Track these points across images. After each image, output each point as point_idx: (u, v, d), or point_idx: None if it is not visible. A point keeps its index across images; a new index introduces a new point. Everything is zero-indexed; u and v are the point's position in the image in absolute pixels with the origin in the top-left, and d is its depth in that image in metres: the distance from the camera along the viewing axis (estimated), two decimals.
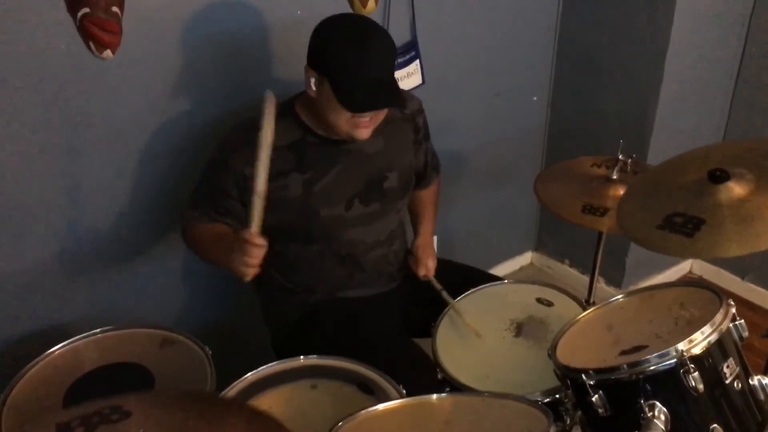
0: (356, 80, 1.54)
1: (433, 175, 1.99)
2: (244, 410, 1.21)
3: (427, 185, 1.98)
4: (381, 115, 1.64)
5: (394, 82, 1.63)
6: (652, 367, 1.19)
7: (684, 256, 2.89)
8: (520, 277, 3.04)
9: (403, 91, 1.82)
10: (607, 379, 1.23)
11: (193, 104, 1.89)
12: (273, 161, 1.54)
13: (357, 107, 1.57)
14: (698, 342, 1.19)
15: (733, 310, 1.26)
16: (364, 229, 1.76)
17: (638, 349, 1.26)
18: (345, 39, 1.53)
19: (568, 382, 1.32)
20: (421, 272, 1.85)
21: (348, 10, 2.04)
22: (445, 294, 1.79)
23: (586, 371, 1.25)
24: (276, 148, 1.61)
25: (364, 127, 1.61)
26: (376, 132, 1.66)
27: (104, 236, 1.87)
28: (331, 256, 1.76)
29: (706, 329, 1.21)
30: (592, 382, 1.24)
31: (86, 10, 1.58)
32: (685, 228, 1.33)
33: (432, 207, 2.00)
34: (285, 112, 1.67)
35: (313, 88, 1.58)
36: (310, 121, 1.66)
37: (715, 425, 1.19)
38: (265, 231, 1.54)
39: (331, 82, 1.54)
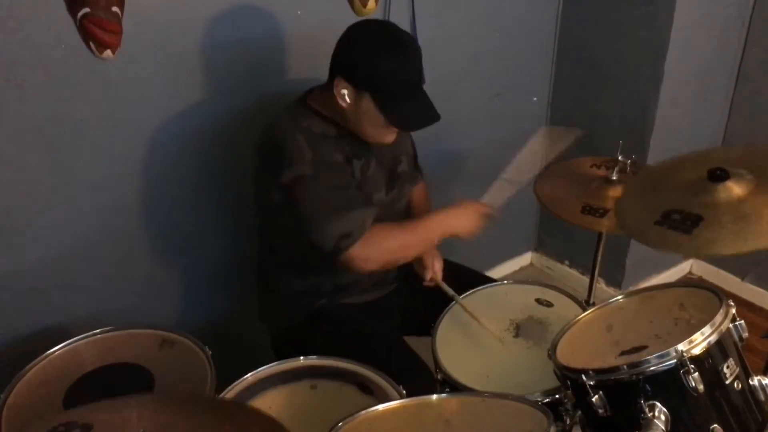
0: (403, 98, 1.55)
1: (419, 174, 2.00)
2: (216, 404, 1.19)
3: (418, 182, 1.99)
4: None
5: (424, 90, 1.63)
6: (652, 368, 1.19)
7: (681, 253, 2.88)
8: (519, 277, 3.04)
9: None
10: (607, 380, 1.23)
11: (192, 104, 1.89)
12: (338, 148, 1.61)
13: (407, 126, 1.62)
14: (698, 342, 1.19)
15: (733, 310, 1.26)
16: (391, 215, 1.78)
17: (638, 349, 1.26)
18: (389, 53, 1.52)
19: (568, 382, 1.32)
20: (428, 276, 1.81)
21: (348, 10, 2.04)
22: (457, 298, 1.78)
23: (586, 371, 1.25)
24: (331, 137, 1.63)
25: (395, 133, 1.65)
26: None
27: (104, 236, 1.87)
28: None
29: (706, 330, 1.21)
30: (592, 383, 1.24)
31: (86, 10, 1.58)
32: (683, 224, 1.33)
33: (428, 208, 2.00)
34: (307, 112, 1.65)
35: (348, 101, 1.56)
36: (333, 117, 1.66)
37: (715, 425, 1.19)
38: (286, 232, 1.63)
39: (377, 99, 1.54)
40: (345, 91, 1.56)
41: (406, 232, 1.68)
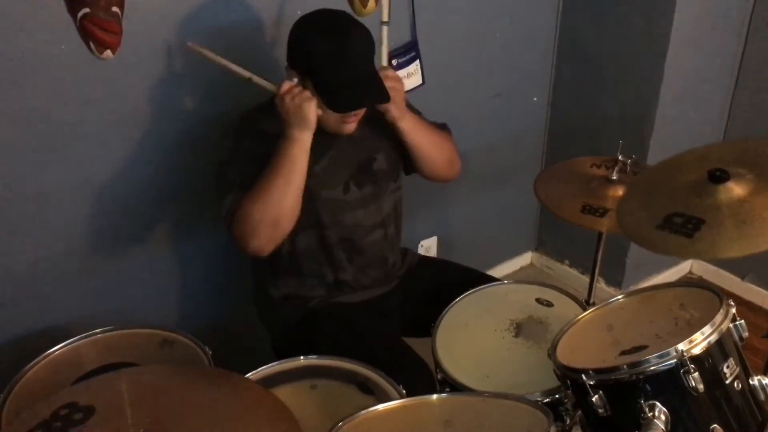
0: (338, 78, 1.55)
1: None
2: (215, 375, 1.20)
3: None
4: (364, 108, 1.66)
5: (376, 75, 1.63)
6: (652, 368, 1.19)
7: (683, 257, 2.89)
8: (519, 277, 3.04)
9: None
10: (607, 379, 1.23)
11: (192, 104, 1.89)
12: (268, 143, 1.61)
13: (341, 108, 1.59)
14: (698, 342, 1.20)
15: (733, 310, 1.26)
16: (362, 212, 1.77)
17: (638, 349, 1.26)
18: (322, 37, 1.54)
19: (568, 382, 1.32)
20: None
21: (348, 10, 2.04)
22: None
23: (586, 371, 1.25)
24: (271, 134, 1.63)
25: (351, 122, 1.64)
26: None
27: (104, 236, 1.87)
28: (331, 243, 1.76)
29: (706, 329, 1.21)
30: (592, 382, 1.24)
31: (86, 10, 1.58)
32: (684, 228, 1.33)
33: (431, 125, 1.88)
34: (273, 111, 1.66)
35: None
36: None
37: (715, 425, 1.19)
38: None
39: (314, 82, 1.56)
40: (295, 80, 1.58)
41: (264, 180, 1.58)
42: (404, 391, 1.43)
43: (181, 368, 1.25)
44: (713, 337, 1.21)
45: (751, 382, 1.25)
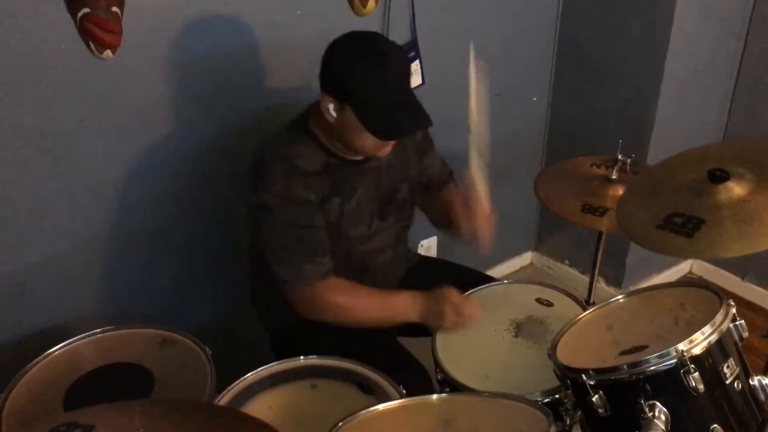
0: (382, 105, 1.51)
1: (451, 180, 1.95)
2: (211, 410, 1.20)
3: (454, 185, 1.94)
4: None
5: (416, 98, 1.60)
6: (652, 368, 1.19)
7: (683, 257, 2.89)
8: (519, 277, 3.04)
9: None
10: (607, 379, 1.23)
11: (192, 103, 1.88)
12: (314, 187, 1.58)
13: (388, 135, 1.55)
14: (698, 342, 1.20)
15: (734, 310, 1.26)
16: (377, 239, 1.77)
17: (638, 349, 1.26)
18: (361, 61, 1.49)
19: (568, 382, 1.32)
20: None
21: (348, 11, 2.04)
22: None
23: (586, 371, 1.25)
24: (311, 174, 1.60)
25: (390, 146, 1.62)
26: None
27: (104, 236, 1.87)
28: (345, 265, 1.74)
29: (707, 329, 1.21)
30: (592, 382, 1.24)
31: (86, 10, 1.58)
32: (684, 228, 1.33)
33: (467, 212, 1.88)
34: (304, 137, 1.63)
35: (333, 115, 1.54)
36: (328, 143, 1.64)
37: (715, 425, 1.19)
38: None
39: (356, 109, 1.51)
40: (330, 106, 1.53)
41: (366, 302, 1.67)
42: (404, 391, 1.43)
43: (195, 407, 1.22)
44: (713, 337, 1.21)
45: (751, 382, 1.25)
